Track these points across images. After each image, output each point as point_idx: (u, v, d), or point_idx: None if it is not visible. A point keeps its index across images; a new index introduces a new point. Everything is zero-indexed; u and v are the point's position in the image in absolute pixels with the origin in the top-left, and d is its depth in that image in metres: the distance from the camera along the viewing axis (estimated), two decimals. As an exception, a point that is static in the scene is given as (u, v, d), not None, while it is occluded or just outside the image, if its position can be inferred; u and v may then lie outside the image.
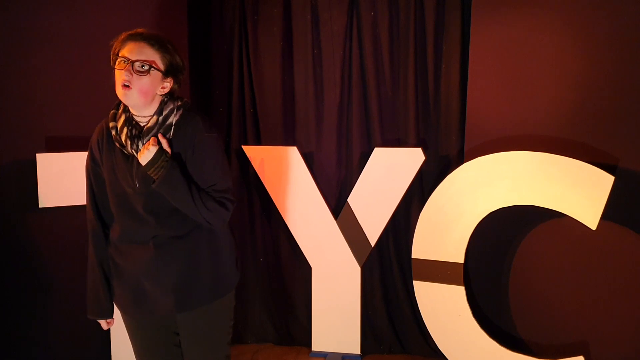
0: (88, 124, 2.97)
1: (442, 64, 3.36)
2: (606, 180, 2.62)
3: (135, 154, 1.93)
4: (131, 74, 1.87)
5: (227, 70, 3.65)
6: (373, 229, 3.34)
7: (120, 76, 1.89)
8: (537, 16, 2.90)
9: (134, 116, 1.98)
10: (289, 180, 3.40)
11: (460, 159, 3.23)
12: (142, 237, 2.00)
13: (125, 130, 1.94)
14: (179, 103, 1.99)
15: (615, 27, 2.74)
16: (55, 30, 2.89)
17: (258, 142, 3.67)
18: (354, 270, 3.40)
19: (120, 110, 2.01)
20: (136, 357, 2.23)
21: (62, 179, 2.76)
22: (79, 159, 2.78)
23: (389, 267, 3.61)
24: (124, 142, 1.94)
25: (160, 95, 1.96)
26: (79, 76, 2.95)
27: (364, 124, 3.53)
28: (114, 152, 1.99)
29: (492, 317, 3.18)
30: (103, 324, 2.20)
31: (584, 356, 2.82)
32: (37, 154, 2.71)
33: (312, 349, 3.54)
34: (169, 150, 1.92)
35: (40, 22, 2.85)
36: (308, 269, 3.51)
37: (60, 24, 2.90)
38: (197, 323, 2.11)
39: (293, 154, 3.37)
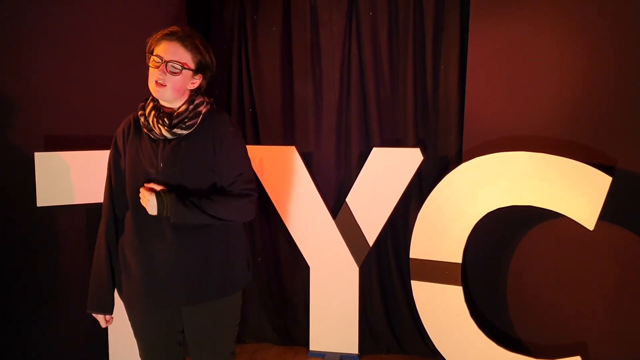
0: (86, 123, 3.00)
1: (440, 65, 3.36)
2: (604, 181, 2.62)
3: (161, 133, 2.02)
4: (165, 73, 1.99)
5: (227, 70, 3.65)
6: (371, 229, 3.34)
7: (154, 74, 2.01)
8: (535, 17, 2.91)
9: (162, 106, 2.10)
10: (288, 180, 3.40)
11: (459, 159, 3.24)
12: (159, 226, 2.03)
13: (153, 114, 2.04)
14: (208, 99, 2.13)
15: (613, 28, 2.75)
16: (54, 29, 2.89)
17: (257, 141, 3.67)
18: (353, 270, 3.41)
19: (148, 101, 2.12)
20: (140, 354, 2.23)
21: (60, 178, 2.76)
22: (77, 158, 2.80)
23: (387, 267, 3.61)
24: (151, 125, 2.03)
25: (190, 89, 2.10)
26: (77, 75, 2.95)
27: (363, 124, 3.54)
28: (140, 138, 2.09)
29: (489, 317, 3.18)
30: (101, 320, 2.20)
31: (581, 356, 2.82)
32: (35, 153, 2.71)
33: (310, 349, 3.54)
34: (157, 188, 2.00)
35: (39, 21, 2.85)
36: (306, 268, 3.51)
37: (59, 23, 2.90)
38: (203, 319, 2.13)
39: (292, 153, 3.37)
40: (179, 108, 2.06)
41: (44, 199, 2.74)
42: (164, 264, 2.04)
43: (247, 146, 3.42)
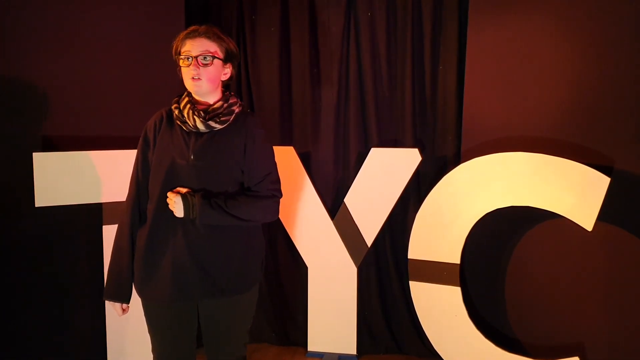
0: (85, 123, 3.00)
1: (439, 65, 3.37)
2: (602, 182, 2.63)
3: (195, 124, 2.07)
4: (197, 67, 2.05)
5: (225, 70, 3.64)
6: (370, 230, 3.34)
7: (188, 72, 2.07)
8: (533, 18, 2.91)
9: (196, 101, 2.16)
10: (286, 180, 3.38)
11: (457, 159, 3.24)
12: (181, 219, 2.06)
13: (188, 107, 2.10)
14: (241, 102, 2.22)
15: (611, 30, 2.75)
16: (52, 29, 2.89)
17: (255, 142, 3.66)
18: (351, 271, 3.41)
19: (183, 96, 2.18)
20: (153, 349, 2.24)
21: (58, 178, 2.76)
22: (76, 158, 2.80)
23: (385, 268, 3.61)
24: (186, 117, 2.08)
25: (223, 81, 2.18)
26: (76, 75, 2.96)
27: (361, 124, 3.54)
28: (172, 130, 2.14)
29: (488, 317, 3.19)
30: (118, 309, 2.20)
31: (579, 357, 2.83)
32: (33, 153, 2.70)
33: (309, 349, 3.54)
34: (183, 190, 2.05)
35: (36, 21, 2.85)
36: (304, 269, 3.51)
37: (57, 23, 2.90)
38: (221, 313, 2.17)
39: (290, 154, 3.37)
40: (214, 104, 2.14)
41: (42, 199, 2.74)
42: (184, 257, 2.06)
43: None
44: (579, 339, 2.95)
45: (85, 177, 2.82)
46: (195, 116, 2.07)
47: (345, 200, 3.38)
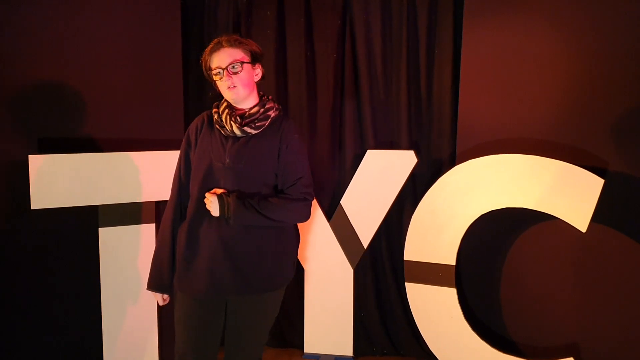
0: (81, 125, 2.99)
1: (434, 67, 3.38)
2: (596, 183, 2.64)
3: (232, 130, 2.17)
4: (230, 77, 2.14)
5: (221, 73, 3.65)
6: (366, 231, 3.35)
7: (223, 84, 2.17)
8: (528, 21, 2.92)
9: (235, 107, 2.25)
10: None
11: (452, 161, 3.25)
12: (217, 218, 2.15)
13: (226, 112, 2.20)
14: (278, 106, 2.29)
15: (605, 32, 2.77)
16: (48, 30, 2.89)
17: (251, 144, 3.67)
18: (347, 272, 3.41)
19: (222, 101, 2.28)
20: (178, 342, 2.27)
21: (54, 180, 2.75)
22: (72, 160, 2.79)
23: (381, 269, 3.62)
24: (224, 122, 2.19)
25: (256, 82, 2.26)
26: (72, 77, 2.95)
27: (357, 126, 3.55)
28: (212, 133, 2.24)
29: (483, 319, 3.20)
30: (159, 298, 2.31)
31: (574, 357, 2.83)
32: (29, 156, 2.70)
33: (305, 351, 3.54)
34: (219, 191, 2.15)
35: (32, 23, 2.85)
36: (301, 270, 3.51)
37: (53, 24, 2.90)
38: (248, 310, 2.24)
39: (286, 156, 3.37)
40: (250, 109, 2.22)
41: (38, 201, 2.73)
42: (219, 253, 2.15)
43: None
44: (574, 340, 2.96)
45: (81, 179, 2.81)
46: (232, 122, 2.17)
47: (342, 202, 3.38)
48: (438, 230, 3.05)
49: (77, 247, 3.01)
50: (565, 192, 2.71)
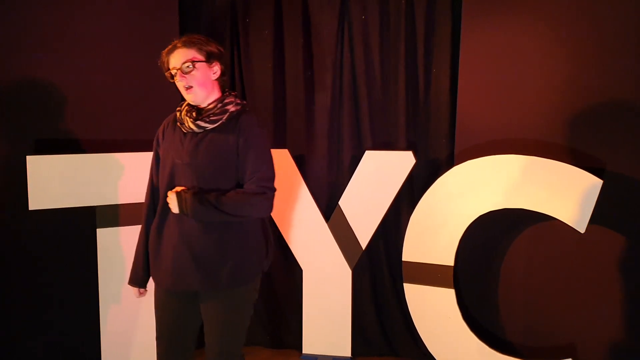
0: (78, 126, 2.99)
1: (432, 68, 3.38)
2: (594, 184, 2.64)
3: (189, 125, 2.20)
4: (184, 77, 2.17)
5: (219, 73, 3.65)
6: (364, 232, 3.35)
7: (179, 84, 2.20)
8: (526, 22, 2.93)
9: (197, 105, 2.27)
10: (281, 182, 3.36)
11: (450, 162, 3.25)
12: (180, 215, 2.17)
13: (185, 109, 2.25)
14: (240, 101, 2.29)
15: (603, 33, 2.77)
16: (46, 31, 2.89)
17: (249, 145, 3.67)
18: (345, 273, 3.41)
19: (184, 100, 2.30)
20: (156, 336, 2.34)
21: (52, 181, 2.75)
22: (70, 161, 2.79)
23: (379, 270, 3.62)
24: (183, 119, 2.22)
25: (215, 80, 2.26)
26: (70, 79, 2.95)
27: (355, 127, 3.55)
28: (174, 131, 2.28)
29: (481, 319, 3.20)
30: (135, 292, 2.41)
31: (572, 358, 2.84)
32: (27, 157, 2.70)
33: (303, 352, 3.54)
34: (179, 188, 2.17)
35: (31, 24, 2.85)
36: (299, 271, 3.51)
37: (52, 26, 2.90)
38: (216, 306, 2.24)
39: (284, 156, 3.37)
40: (208, 105, 2.23)
41: (36, 202, 2.73)
42: (181, 248, 2.19)
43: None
44: (572, 341, 2.96)
45: (79, 180, 2.81)
46: (187, 117, 2.21)
47: (340, 202, 3.38)
48: (436, 231, 3.06)
49: (75, 247, 3.01)
50: (564, 193, 2.72)
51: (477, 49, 3.05)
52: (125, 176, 2.89)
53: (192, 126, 2.19)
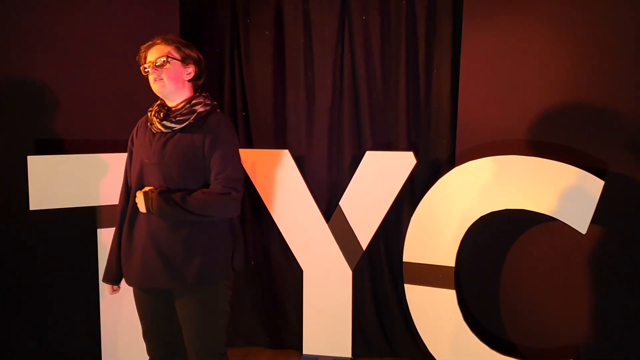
0: (79, 126, 2.98)
1: (433, 69, 3.38)
2: (596, 185, 2.64)
3: (157, 126, 2.23)
4: (156, 70, 2.21)
5: (219, 74, 3.65)
6: (364, 233, 3.34)
7: (150, 78, 2.24)
8: (527, 22, 2.93)
9: (166, 104, 2.30)
10: (281, 183, 3.40)
11: (451, 163, 3.25)
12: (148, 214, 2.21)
13: (155, 109, 2.28)
14: (209, 102, 2.29)
15: (605, 33, 2.77)
16: (47, 32, 2.88)
17: (250, 145, 3.67)
18: (346, 274, 3.41)
19: (158, 101, 2.34)
20: (142, 334, 2.41)
21: (53, 181, 2.75)
22: (70, 161, 2.79)
23: (380, 271, 3.62)
24: (151, 119, 2.26)
25: (189, 81, 2.29)
26: (71, 79, 2.95)
27: (355, 127, 3.54)
28: (145, 131, 2.31)
29: (483, 320, 3.19)
30: (109, 289, 2.47)
31: (574, 359, 2.84)
32: (28, 157, 2.69)
33: (303, 352, 3.54)
34: (147, 188, 2.21)
35: (32, 25, 2.84)
36: (299, 272, 3.51)
37: (53, 27, 2.89)
38: (187, 305, 2.26)
39: (285, 157, 3.37)
40: (177, 105, 2.25)
41: (36, 202, 2.73)
42: (149, 247, 2.21)
43: (240, 149, 3.45)
44: (574, 342, 2.96)
45: (79, 180, 2.81)
46: (154, 117, 2.24)
47: (340, 203, 3.38)
48: (437, 232, 3.05)
49: (75, 247, 3.01)
50: (565, 194, 2.72)
51: (478, 49, 3.05)
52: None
53: (159, 126, 2.22)
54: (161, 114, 2.23)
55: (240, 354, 3.69)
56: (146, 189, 2.20)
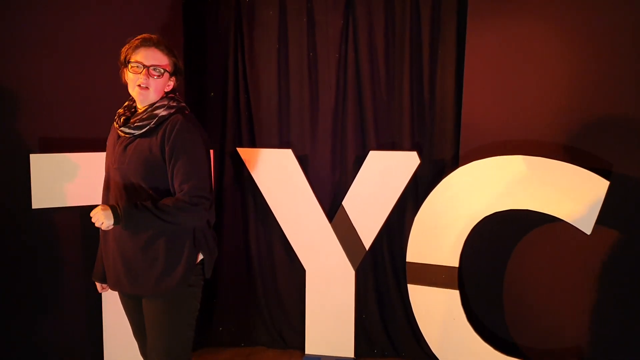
0: (82, 125, 2.98)
1: (437, 69, 3.37)
2: (601, 185, 2.63)
3: (121, 132, 2.18)
4: (148, 77, 2.12)
5: (223, 73, 3.64)
6: (367, 233, 3.33)
7: (136, 79, 2.13)
8: (532, 23, 2.92)
9: (135, 105, 2.24)
10: (284, 183, 3.39)
11: (455, 163, 3.24)
12: None
13: (120, 112, 2.23)
14: (174, 104, 2.19)
15: (609, 33, 2.76)
16: (50, 31, 2.87)
17: (253, 144, 3.66)
18: (348, 274, 3.40)
19: (125, 103, 2.28)
20: (132, 333, 2.46)
21: (55, 179, 2.75)
22: (73, 159, 2.79)
23: (383, 271, 3.61)
24: (115, 122, 2.22)
25: (166, 92, 2.22)
26: (73, 77, 2.94)
27: (359, 127, 3.53)
28: (114, 132, 2.26)
29: (486, 321, 3.18)
30: (98, 287, 2.50)
31: (577, 360, 2.83)
32: (30, 155, 2.69)
33: (306, 353, 3.53)
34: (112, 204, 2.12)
35: (34, 24, 2.84)
36: (302, 272, 3.50)
37: (55, 25, 2.89)
38: (150, 309, 2.23)
39: (288, 156, 3.36)
40: (141, 108, 2.19)
41: (39, 200, 2.73)
42: (115, 253, 2.20)
43: (243, 149, 3.45)
44: (578, 343, 2.95)
45: (82, 178, 2.80)
46: (114, 121, 2.21)
47: (344, 203, 3.37)
48: (441, 232, 3.04)
49: (78, 246, 3.00)
50: (570, 194, 2.70)
51: (483, 50, 3.04)
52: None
53: (120, 132, 2.17)
54: (122, 119, 2.17)
55: (242, 354, 3.68)
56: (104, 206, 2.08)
